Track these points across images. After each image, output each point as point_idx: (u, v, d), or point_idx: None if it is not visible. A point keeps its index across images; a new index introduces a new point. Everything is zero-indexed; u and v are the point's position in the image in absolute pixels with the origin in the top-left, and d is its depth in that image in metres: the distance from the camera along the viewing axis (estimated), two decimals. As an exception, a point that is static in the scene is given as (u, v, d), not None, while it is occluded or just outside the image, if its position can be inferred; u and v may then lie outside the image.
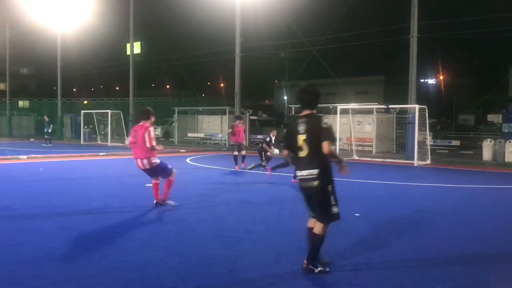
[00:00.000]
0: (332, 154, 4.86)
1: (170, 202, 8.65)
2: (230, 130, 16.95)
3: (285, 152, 5.17)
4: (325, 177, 4.86)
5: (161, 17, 42.45)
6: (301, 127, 4.87)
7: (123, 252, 5.86)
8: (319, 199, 4.93)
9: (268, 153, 15.32)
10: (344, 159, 16.58)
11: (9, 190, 10.82)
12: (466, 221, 8.04)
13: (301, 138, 4.85)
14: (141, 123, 8.45)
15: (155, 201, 8.62)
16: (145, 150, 8.25)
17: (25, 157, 18.47)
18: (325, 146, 4.75)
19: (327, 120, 4.91)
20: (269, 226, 7.39)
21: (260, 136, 31.38)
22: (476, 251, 6.13)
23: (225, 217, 8.11)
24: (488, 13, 25.25)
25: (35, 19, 34.72)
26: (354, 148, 22.36)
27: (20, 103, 48.46)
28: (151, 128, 8.37)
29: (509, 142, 20.16)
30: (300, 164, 4.93)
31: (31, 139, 34.97)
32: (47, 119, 28.38)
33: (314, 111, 5.00)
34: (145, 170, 8.52)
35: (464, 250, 6.12)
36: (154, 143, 8.28)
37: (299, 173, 4.96)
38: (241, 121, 17.31)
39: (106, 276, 4.95)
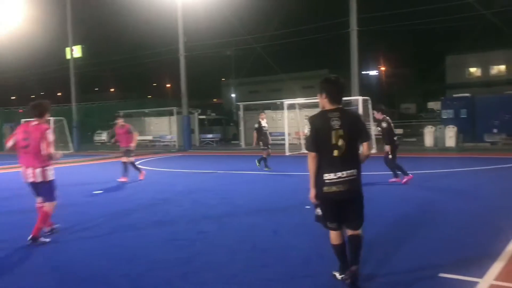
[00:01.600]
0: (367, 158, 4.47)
1: (43, 239, 6.60)
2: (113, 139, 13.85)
3: (312, 154, 4.29)
4: (360, 177, 4.38)
5: (101, 19, 41.32)
6: (336, 122, 4.22)
7: (72, 263, 5.67)
8: (360, 203, 4.43)
9: (262, 144, 14.64)
10: (293, 153, 16.71)
11: None
12: (409, 205, 8.36)
13: (336, 134, 4.20)
14: (35, 122, 6.67)
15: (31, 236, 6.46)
16: (40, 158, 6.53)
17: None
18: (368, 148, 4.41)
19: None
20: (222, 225, 7.38)
21: (210, 136, 31.24)
22: (426, 233, 6.40)
23: (177, 219, 8.01)
24: (425, 5, 26.32)
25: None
26: (302, 142, 22.68)
27: (-46, 114, 45.81)
28: (50, 130, 6.66)
29: (449, 127, 21.14)
30: (335, 164, 4.22)
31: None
32: None
33: (341, 106, 4.40)
34: (34, 184, 6.66)
35: (413, 232, 6.36)
36: (51, 150, 6.58)
37: (331, 175, 4.22)
38: (122, 120, 13.29)
39: (55, 290, 4.78)
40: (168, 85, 63.63)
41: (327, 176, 4.23)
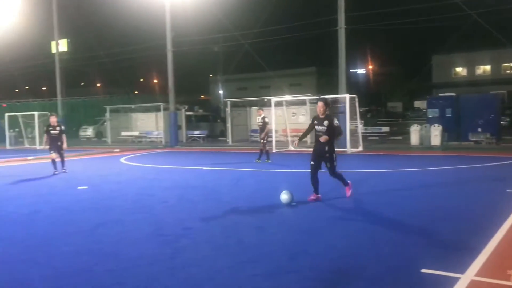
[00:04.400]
0: None
1: None
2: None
3: None
4: None
5: (88, 13, 40.92)
6: None
7: (55, 258, 5.62)
8: None
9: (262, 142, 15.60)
10: (280, 150, 16.62)
11: None
12: (393, 202, 8.43)
13: None
14: None
15: None
16: None
17: None
18: None
19: None
20: (208, 221, 7.37)
21: (197, 132, 31.15)
22: (403, 226, 6.46)
23: (162, 215, 7.99)
24: (412, 4, 26.51)
25: None
26: (289, 139, 22.72)
27: None
28: None
29: (434, 126, 21.32)
30: None
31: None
32: None
33: None
34: None
35: (392, 227, 6.43)
36: None
37: None
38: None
39: (37, 285, 4.74)
40: (155, 81, 63.24)
41: None
